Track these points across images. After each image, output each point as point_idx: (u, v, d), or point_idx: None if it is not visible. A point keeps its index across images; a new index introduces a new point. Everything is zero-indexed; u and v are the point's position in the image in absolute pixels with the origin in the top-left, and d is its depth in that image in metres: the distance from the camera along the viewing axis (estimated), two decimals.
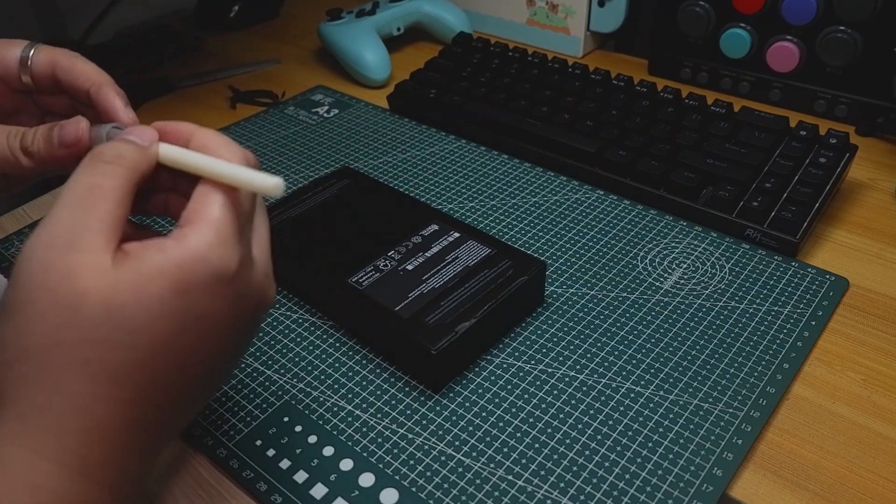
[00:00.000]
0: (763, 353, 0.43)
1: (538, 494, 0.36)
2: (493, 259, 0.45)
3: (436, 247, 0.46)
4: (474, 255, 0.45)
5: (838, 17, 0.62)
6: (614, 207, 0.55)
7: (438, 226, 0.48)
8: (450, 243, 0.46)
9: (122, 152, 0.29)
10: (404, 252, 0.46)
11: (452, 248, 0.46)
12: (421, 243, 0.46)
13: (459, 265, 0.44)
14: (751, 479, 0.37)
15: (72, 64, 0.37)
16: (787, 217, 0.50)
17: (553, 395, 0.41)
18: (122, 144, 0.30)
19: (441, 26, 0.81)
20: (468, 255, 0.45)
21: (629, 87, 0.64)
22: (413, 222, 0.48)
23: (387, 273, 0.44)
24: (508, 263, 0.44)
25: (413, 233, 0.47)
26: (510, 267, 0.44)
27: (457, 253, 0.45)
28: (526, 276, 0.44)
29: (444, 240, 0.47)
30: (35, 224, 0.55)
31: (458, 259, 0.45)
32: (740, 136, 0.57)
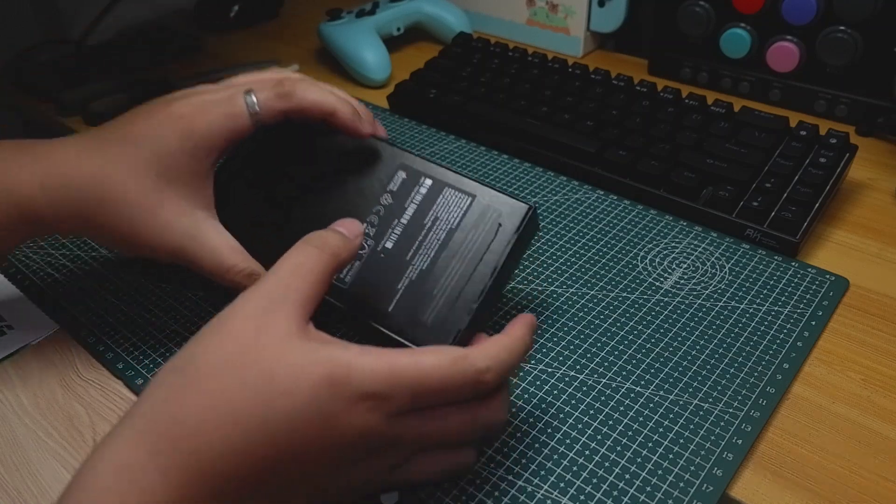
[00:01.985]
0: (763, 353, 0.43)
1: (538, 494, 0.36)
2: (476, 211, 0.39)
3: (410, 206, 0.40)
4: (455, 211, 0.39)
5: (838, 17, 0.62)
6: (614, 207, 0.55)
7: (406, 173, 0.41)
8: (424, 197, 0.40)
9: (328, 241, 0.34)
10: (378, 222, 0.40)
11: (429, 205, 0.40)
12: (393, 204, 0.41)
13: (442, 229, 0.39)
14: (751, 479, 0.37)
15: (300, 104, 0.41)
16: (787, 217, 0.50)
17: (553, 395, 0.41)
18: (331, 234, 0.34)
19: (441, 26, 0.81)
20: (448, 211, 0.40)
21: (629, 87, 0.64)
22: (377, 173, 0.42)
23: (367, 259, 0.40)
24: (495, 215, 0.39)
25: (380, 189, 0.41)
26: (497, 219, 0.39)
27: (435, 211, 0.40)
28: (516, 231, 0.38)
29: (417, 193, 0.41)
30: None
31: (439, 220, 0.40)
32: (740, 136, 0.57)
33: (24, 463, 0.39)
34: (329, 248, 0.33)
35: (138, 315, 0.47)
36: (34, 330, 0.46)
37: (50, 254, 0.52)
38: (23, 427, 0.41)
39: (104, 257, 0.51)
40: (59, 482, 0.38)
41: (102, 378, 0.43)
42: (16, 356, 0.45)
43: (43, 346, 0.45)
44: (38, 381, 0.43)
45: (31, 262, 0.51)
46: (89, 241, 0.53)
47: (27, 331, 0.46)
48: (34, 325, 0.46)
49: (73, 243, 0.53)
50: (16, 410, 0.41)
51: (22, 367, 0.44)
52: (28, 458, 0.39)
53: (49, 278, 0.50)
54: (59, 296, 0.48)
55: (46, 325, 0.46)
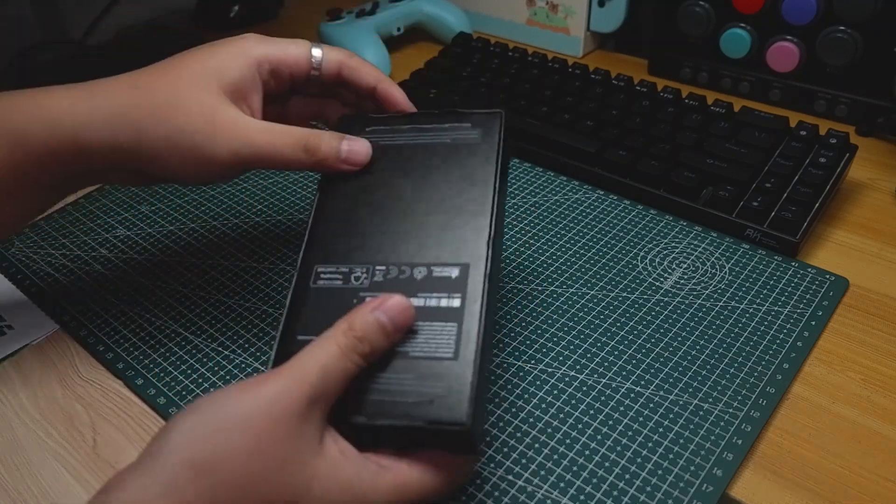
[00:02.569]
0: (763, 353, 0.43)
1: (538, 494, 0.36)
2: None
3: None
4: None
5: (838, 17, 0.62)
6: (614, 207, 0.55)
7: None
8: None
9: (373, 348, 0.32)
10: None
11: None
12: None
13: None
14: (751, 479, 0.37)
15: (358, 64, 0.42)
16: (787, 217, 0.50)
17: (553, 395, 0.41)
18: (378, 337, 0.32)
19: (441, 26, 0.81)
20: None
21: (629, 87, 0.64)
22: None
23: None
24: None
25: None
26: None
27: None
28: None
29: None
30: (35, 225, 0.55)
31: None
32: (740, 136, 0.57)
33: (24, 463, 0.39)
34: (370, 357, 0.32)
35: (138, 315, 0.47)
36: (34, 330, 0.46)
37: (50, 254, 0.52)
38: (23, 427, 0.41)
39: (104, 257, 0.51)
40: (59, 482, 0.38)
41: (102, 378, 0.43)
42: (16, 356, 0.45)
43: (43, 346, 0.45)
44: (38, 381, 0.43)
45: (31, 262, 0.51)
46: (89, 242, 0.53)
47: (27, 331, 0.46)
48: (34, 325, 0.46)
49: (73, 243, 0.53)
50: (16, 410, 0.41)
51: (22, 367, 0.44)
52: (28, 458, 0.39)
53: (49, 278, 0.50)
54: (59, 296, 0.48)
55: (46, 325, 0.46)
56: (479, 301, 0.34)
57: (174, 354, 0.44)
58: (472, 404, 0.31)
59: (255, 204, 0.56)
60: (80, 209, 0.56)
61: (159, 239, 0.53)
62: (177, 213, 0.55)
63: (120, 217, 0.55)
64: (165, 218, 0.55)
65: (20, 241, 0.53)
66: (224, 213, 0.55)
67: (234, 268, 0.50)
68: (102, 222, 0.55)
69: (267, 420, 0.29)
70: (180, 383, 0.42)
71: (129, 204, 0.56)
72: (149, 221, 0.55)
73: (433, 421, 0.31)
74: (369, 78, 0.43)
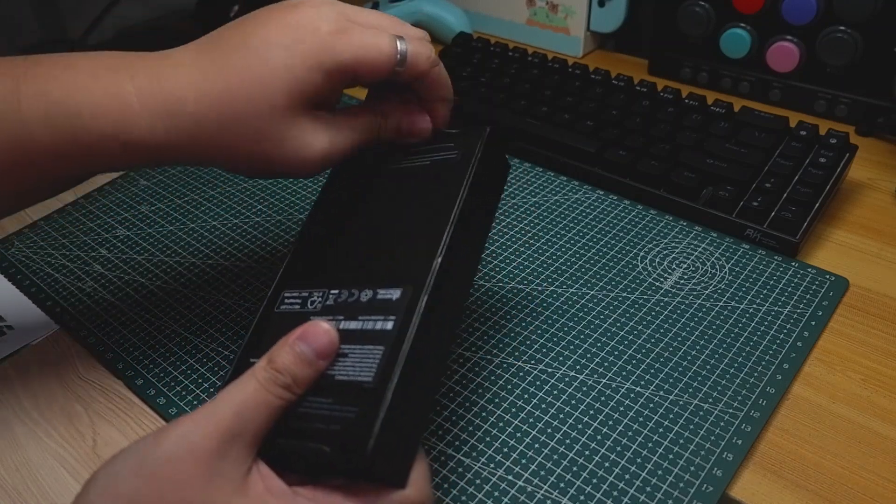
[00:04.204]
0: (763, 353, 0.43)
1: (538, 494, 0.36)
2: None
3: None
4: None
5: (838, 17, 0.62)
6: (614, 207, 0.55)
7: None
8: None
9: (296, 379, 0.30)
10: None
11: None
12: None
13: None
14: (751, 479, 0.37)
15: (436, 79, 0.38)
16: (787, 217, 0.50)
17: (553, 395, 0.41)
18: (301, 369, 0.30)
19: (441, 26, 0.81)
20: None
21: (629, 87, 0.64)
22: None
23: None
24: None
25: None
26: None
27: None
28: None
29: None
30: (35, 225, 0.55)
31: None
32: (740, 136, 0.57)
33: (24, 463, 0.39)
34: (295, 389, 0.30)
35: (138, 315, 0.47)
36: (34, 330, 0.46)
37: (50, 254, 0.52)
38: (23, 427, 0.41)
39: (104, 257, 0.51)
40: (59, 482, 0.38)
41: (102, 378, 0.43)
42: (16, 356, 0.45)
43: (43, 346, 0.45)
44: (38, 381, 0.43)
45: (31, 262, 0.51)
46: (89, 242, 0.53)
47: (27, 331, 0.46)
48: (34, 325, 0.46)
49: (73, 243, 0.53)
50: (16, 410, 0.41)
51: (22, 367, 0.44)
52: (28, 458, 0.39)
53: (49, 278, 0.50)
54: (59, 296, 0.48)
55: (46, 325, 0.46)
56: (412, 324, 0.31)
57: (174, 354, 0.44)
58: (381, 432, 0.28)
59: (255, 204, 0.56)
60: (80, 209, 0.56)
61: (159, 239, 0.53)
62: (177, 213, 0.55)
63: (120, 217, 0.55)
64: (165, 218, 0.55)
65: (20, 241, 0.53)
66: (224, 213, 0.55)
67: (234, 268, 0.50)
68: (102, 222, 0.55)
69: (176, 463, 0.27)
70: (180, 383, 0.42)
71: (129, 204, 0.56)
72: (149, 221, 0.55)
73: (337, 447, 0.29)
74: (444, 93, 0.39)
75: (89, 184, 0.59)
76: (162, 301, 0.47)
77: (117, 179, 0.59)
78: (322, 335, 0.31)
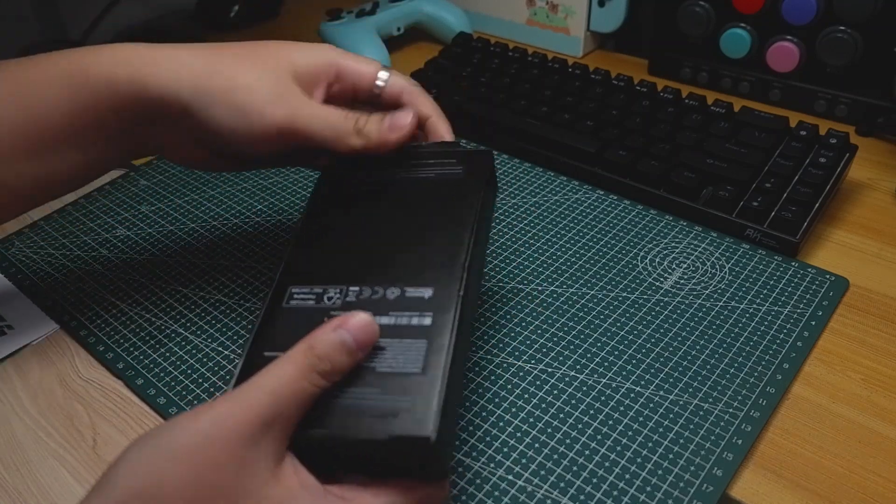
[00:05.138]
0: (763, 353, 0.43)
1: (538, 494, 0.36)
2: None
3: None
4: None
5: (838, 17, 0.62)
6: (614, 207, 0.55)
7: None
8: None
9: (334, 368, 0.30)
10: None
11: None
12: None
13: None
14: (751, 479, 0.37)
15: (420, 94, 0.42)
16: (787, 217, 0.50)
17: (553, 395, 0.41)
18: (341, 357, 0.31)
19: (441, 26, 0.81)
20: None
21: (629, 87, 0.64)
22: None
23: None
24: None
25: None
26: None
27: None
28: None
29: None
30: (35, 225, 0.55)
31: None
32: (740, 136, 0.57)
33: (24, 463, 0.39)
34: (331, 377, 0.31)
35: (138, 315, 0.47)
36: (34, 330, 0.46)
37: (50, 254, 0.52)
38: (23, 427, 0.41)
39: (104, 257, 0.51)
40: (59, 482, 0.38)
41: (102, 378, 0.43)
42: (16, 356, 0.45)
43: (43, 346, 0.45)
44: (38, 381, 0.43)
45: (31, 262, 0.51)
46: (89, 242, 0.53)
47: (27, 331, 0.46)
48: (34, 325, 0.46)
49: (73, 243, 0.53)
50: (16, 410, 0.41)
51: (22, 367, 0.44)
52: (28, 458, 0.39)
53: (49, 278, 0.50)
54: (59, 296, 0.48)
55: (46, 325, 0.46)
56: (452, 320, 0.33)
57: (174, 354, 0.44)
58: (437, 418, 0.30)
59: (255, 204, 0.56)
60: (80, 209, 0.56)
61: (159, 239, 0.53)
62: (177, 213, 0.55)
63: (120, 217, 0.55)
64: (165, 218, 0.55)
65: (20, 241, 0.53)
66: (224, 213, 0.55)
67: (234, 268, 0.50)
68: (102, 222, 0.55)
69: (209, 447, 0.27)
70: (180, 383, 0.42)
71: (129, 204, 0.56)
72: (149, 221, 0.55)
73: (396, 436, 0.29)
74: (426, 109, 0.42)
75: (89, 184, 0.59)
76: (162, 301, 0.47)
77: (117, 179, 0.59)
78: (366, 326, 0.31)
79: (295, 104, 0.38)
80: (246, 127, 0.38)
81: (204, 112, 0.38)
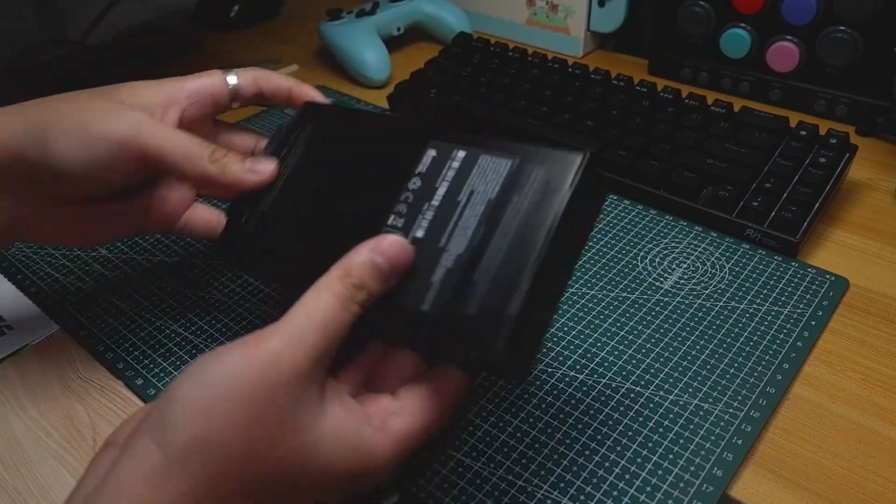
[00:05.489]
0: (763, 353, 0.43)
1: (538, 494, 0.36)
2: (519, 175, 0.32)
3: (443, 184, 0.34)
4: (493, 179, 0.33)
5: (838, 17, 0.62)
6: (614, 207, 0.55)
7: (437, 150, 0.35)
8: (458, 171, 0.34)
9: (371, 294, 0.31)
10: (406, 210, 0.34)
11: (464, 178, 0.33)
12: (423, 187, 0.34)
13: (479, 202, 0.32)
14: (751, 479, 0.37)
15: (270, 74, 0.43)
16: (787, 217, 0.50)
17: (553, 395, 0.41)
18: (376, 282, 0.31)
19: (441, 26, 0.81)
20: (485, 181, 0.33)
21: (629, 87, 0.64)
22: (406, 155, 0.36)
23: None
24: (542, 175, 0.32)
25: (410, 172, 0.35)
26: (546, 178, 0.32)
27: (471, 184, 0.33)
28: (571, 186, 0.31)
29: (450, 168, 0.34)
30: None
31: (475, 193, 0.33)
32: (740, 136, 0.57)
33: (24, 463, 0.39)
34: (357, 298, 0.31)
35: (138, 315, 0.47)
36: (34, 330, 0.46)
37: (50, 254, 0.52)
38: (23, 427, 0.41)
39: (104, 257, 0.51)
40: (59, 482, 0.38)
41: (102, 378, 0.43)
42: (16, 356, 0.45)
43: (43, 346, 0.45)
44: (38, 381, 0.43)
45: (31, 262, 0.51)
46: None
47: (27, 331, 0.46)
48: (34, 325, 0.46)
49: None
50: (16, 410, 0.41)
51: (22, 367, 0.44)
52: (28, 458, 0.39)
53: (49, 278, 0.50)
54: (59, 296, 0.48)
55: (46, 325, 0.46)
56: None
57: (174, 354, 0.44)
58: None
59: None
60: None
61: (159, 239, 0.53)
62: None
63: None
64: None
65: (20, 241, 0.53)
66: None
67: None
68: None
69: (268, 386, 0.28)
70: None
71: None
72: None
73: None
74: (283, 82, 0.43)
75: None
76: (162, 301, 0.47)
77: None
78: (399, 248, 0.31)
79: (139, 119, 0.37)
80: (87, 146, 0.36)
81: (40, 146, 0.36)
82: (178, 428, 0.27)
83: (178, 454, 0.27)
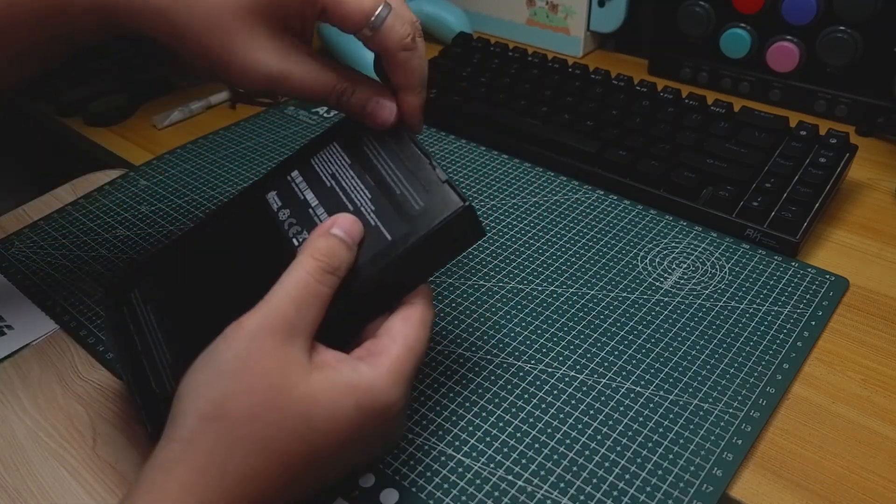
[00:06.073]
0: (763, 353, 0.43)
1: (538, 494, 0.36)
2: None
3: (306, 193, 0.38)
4: (338, 160, 0.38)
5: (838, 17, 0.62)
6: (614, 207, 0.55)
7: (276, 189, 0.39)
8: (307, 180, 0.39)
9: (341, 263, 0.33)
10: (299, 222, 0.37)
11: (316, 178, 0.38)
12: (294, 209, 0.38)
13: (349, 174, 0.38)
14: (751, 479, 0.37)
15: (409, 59, 0.37)
16: (787, 217, 0.50)
17: (553, 395, 0.41)
18: (343, 252, 0.34)
19: (441, 26, 0.81)
20: (335, 163, 0.38)
21: (629, 87, 0.64)
22: (259, 218, 0.39)
23: None
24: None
25: (273, 219, 0.38)
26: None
27: (326, 174, 0.38)
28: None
29: (299, 184, 0.39)
30: (35, 225, 0.55)
31: (336, 174, 0.38)
32: (740, 136, 0.57)
33: (24, 463, 0.39)
34: (340, 273, 0.33)
35: None
36: (34, 330, 0.46)
37: (50, 254, 0.52)
38: (23, 427, 0.41)
39: (104, 257, 0.51)
40: (59, 482, 0.38)
41: (102, 378, 0.43)
42: (16, 356, 0.45)
43: (43, 346, 0.45)
44: (38, 381, 0.43)
45: (31, 262, 0.51)
46: (89, 242, 0.53)
47: (27, 331, 0.46)
48: (34, 325, 0.46)
49: (73, 243, 0.53)
50: (16, 410, 0.41)
51: (22, 367, 0.44)
52: (28, 458, 0.39)
53: (49, 278, 0.50)
54: (59, 296, 0.48)
55: (46, 325, 0.46)
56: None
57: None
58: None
59: None
60: (79, 209, 0.56)
61: (159, 239, 0.53)
62: (177, 213, 0.55)
63: (120, 217, 0.55)
64: (165, 218, 0.55)
65: (20, 241, 0.53)
66: None
67: None
68: (102, 222, 0.55)
69: (252, 356, 0.30)
70: None
71: (129, 204, 0.56)
72: (149, 221, 0.55)
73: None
74: (411, 80, 0.38)
75: (89, 184, 0.59)
76: None
77: (117, 179, 0.59)
78: (353, 222, 0.35)
79: (272, 61, 0.36)
80: (221, 75, 0.36)
81: (179, 46, 0.36)
82: (185, 415, 0.30)
83: (186, 436, 0.29)
